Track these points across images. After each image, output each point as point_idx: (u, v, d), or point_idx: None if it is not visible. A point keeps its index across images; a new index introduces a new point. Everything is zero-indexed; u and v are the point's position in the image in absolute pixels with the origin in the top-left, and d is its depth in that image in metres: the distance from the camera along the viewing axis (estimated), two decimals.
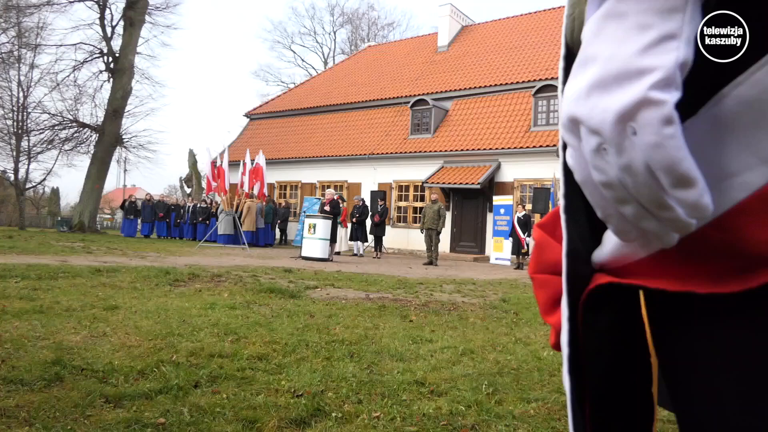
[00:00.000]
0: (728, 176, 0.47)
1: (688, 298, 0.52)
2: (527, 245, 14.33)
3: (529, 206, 15.82)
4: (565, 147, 0.54)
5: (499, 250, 16.14)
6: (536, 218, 15.95)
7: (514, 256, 14.85)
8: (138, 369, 2.94)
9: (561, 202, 0.60)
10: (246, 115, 27.81)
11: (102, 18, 24.43)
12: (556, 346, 0.63)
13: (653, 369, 0.65)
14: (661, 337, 0.58)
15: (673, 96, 0.43)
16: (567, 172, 0.56)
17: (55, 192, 43.75)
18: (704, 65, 0.48)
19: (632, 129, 0.43)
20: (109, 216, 48.20)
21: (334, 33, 45.97)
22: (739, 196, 0.46)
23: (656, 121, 0.42)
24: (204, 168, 17.19)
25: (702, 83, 0.48)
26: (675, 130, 0.43)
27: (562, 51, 0.59)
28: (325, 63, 44.29)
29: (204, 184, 16.68)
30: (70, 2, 23.90)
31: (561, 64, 0.59)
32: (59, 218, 27.99)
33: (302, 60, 51.88)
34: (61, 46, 24.23)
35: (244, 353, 3.41)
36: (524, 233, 14.17)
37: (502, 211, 16.24)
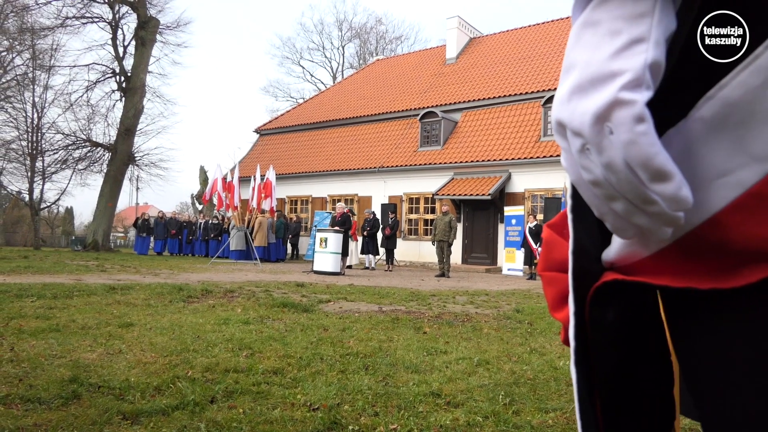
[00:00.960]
0: (721, 175, 0.48)
1: (694, 295, 0.53)
2: (539, 255, 14.22)
3: (540, 216, 15.75)
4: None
5: (511, 260, 16.06)
6: None
7: (527, 267, 14.76)
8: (154, 385, 2.95)
9: (568, 202, 0.62)
10: (256, 131, 28.03)
11: (114, 38, 24.85)
12: (566, 342, 0.64)
13: (675, 370, 0.66)
14: (675, 334, 0.59)
15: (643, 96, 0.45)
16: None
17: (69, 211, 44.24)
18: (690, 69, 0.50)
19: (609, 129, 0.46)
20: (122, 234, 48.62)
21: (343, 48, 46.30)
22: (732, 194, 0.48)
23: (629, 119, 0.45)
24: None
25: (689, 87, 0.50)
26: (647, 127, 0.45)
27: None
28: (334, 77, 44.62)
29: (215, 199, 16.66)
30: (83, 24, 24.35)
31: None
32: (73, 237, 28.28)
33: (311, 75, 52.30)
34: (74, 66, 24.66)
35: (259, 368, 3.41)
36: (536, 243, 14.08)
37: (513, 221, 16.18)
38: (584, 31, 0.49)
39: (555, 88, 17.69)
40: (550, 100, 17.40)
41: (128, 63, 24.96)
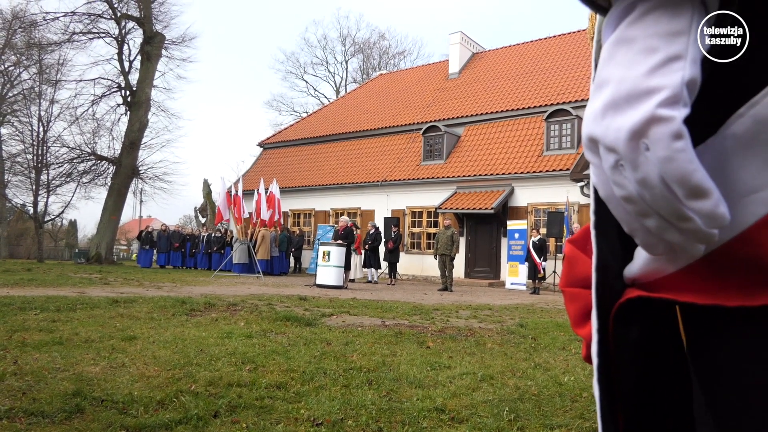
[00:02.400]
0: (751, 192, 0.48)
1: (719, 312, 0.53)
2: (543, 270, 14.20)
3: (543, 230, 15.73)
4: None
5: (514, 274, 16.02)
6: (551, 242, 15.83)
7: (530, 281, 14.71)
8: (157, 399, 2.94)
9: (591, 218, 0.62)
10: (259, 145, 28.15)
11: (120, 53, 25.10)
12: (588, 359, 0.64)
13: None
14: (696, 352, 0.58)
15: (680, 112, 0.45)
16: (595, 189, 0.58)
17: (73, 224, 44.39)
18: (720, 87, 0.50)
19: (645, 145, 0.46)
20: (124, 247, 48.66)
21: (346, 62, 46.60)
22: (762, 211, 0.48)
23: (666, 136, 0.45)
24: (217, 198, 17.34)
25: (719, 104, 0.50)
26: (685, 144, 0.45)
27: (593, 74, 0.62)
28: (337, 92, 44.86)
29: (226, 214, 16.71)
30: (90, 39, 24.60)
31: (592, 86, 0.61)
32: (76, 250, 28.33)
33: (314, 89, 52.53)
34: (80, 81, 24.90)
35: (263, 382, 3.40)
36: (540, 257, 14.05)
37: (516, 235, 16.16)
38: (618, 48, 0.49)
39: (558, 103, 17.84)
40: (552, 114, 17.46)
41: (134, 77, 25.22)
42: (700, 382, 0.58)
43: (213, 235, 21.42)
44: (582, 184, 15.68)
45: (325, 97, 45.43)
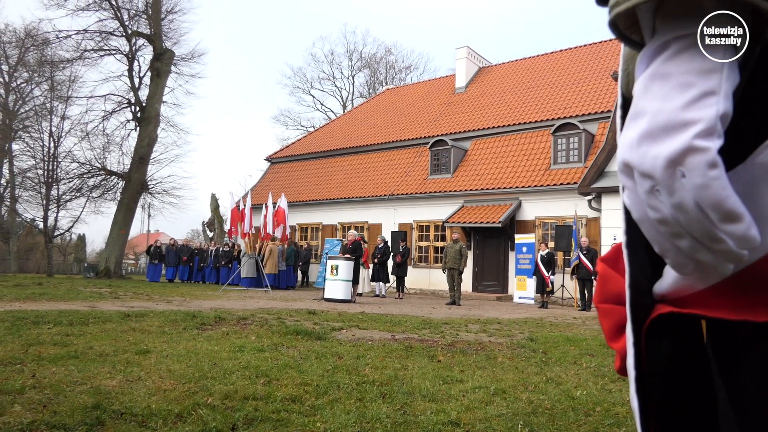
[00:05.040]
0: None
1: (747, 327, 0.56)
2: (551, 284, 14.16)
3: (551, 244, 15.71)
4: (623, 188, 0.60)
5: (522, 288, 15.97)
6: (559, 256, 15.80)
7: (539, 295, 14.67)
8: (175, 412, 2.98)
9: (623, 238, 0.66)
10: (267, 159, 28.32)
11: (130, 70, 25.40)
12: (621, 371, 0.67)
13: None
14: (725, 365, 0.62)
15: (715, 143, 0.49)
16: (626, 210, 0.62)
17: (82, 238, 44.60)
18: (748, 119, 0.55)
19: (681, 173, 0.50)
20: (132, 261, 48.82)
21: (353, 77, 46.92)
22: None
23: (702, 165, 0.49)
24: (226, 212, 17.52)
25: (748, 135, 0.55)
26: (719, 172, 0.49)
27: (619, 101, 0.67)
28: (344, 106, 45.12)
29: (232, 228, 16.83)
30: (101, 56, 24.95)
31: (618, 112, 0.66)
32: (85, 264, 28.48)
33: (321, 104, 52.87)
34: (91, 97, 25.12)
35: (278, 395, 3.43)
36: (548, 271, 14.03)
37: (524, 249, 16.14)
38: (653, 83, 0.53)
39: (565, 117, 17.90)
40: (559, 128, 17.52)
41: (143, 93, 25.47)
42: (728, 394, 0.61)
43: (221, 249, 21.51)
44: (590, 197, 15.68)
45: (332, 111, 45.73)
